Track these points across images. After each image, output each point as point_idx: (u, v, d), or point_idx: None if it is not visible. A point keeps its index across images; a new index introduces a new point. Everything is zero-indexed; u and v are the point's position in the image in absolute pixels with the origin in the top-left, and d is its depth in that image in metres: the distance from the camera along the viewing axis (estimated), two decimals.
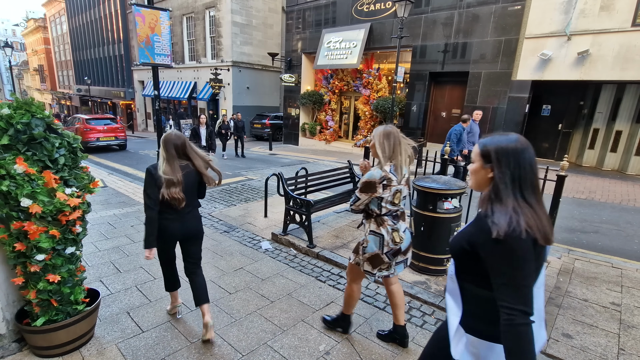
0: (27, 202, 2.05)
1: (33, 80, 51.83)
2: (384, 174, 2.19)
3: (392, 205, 2.28)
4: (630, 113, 9.87)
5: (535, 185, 1.21)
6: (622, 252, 4.61)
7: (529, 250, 1.13)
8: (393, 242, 2.30)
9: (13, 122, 2.05)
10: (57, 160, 2.21)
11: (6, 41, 23.41)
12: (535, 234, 1.14)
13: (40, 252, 2.16)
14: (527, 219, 1.14)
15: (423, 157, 5.12)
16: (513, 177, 1.20)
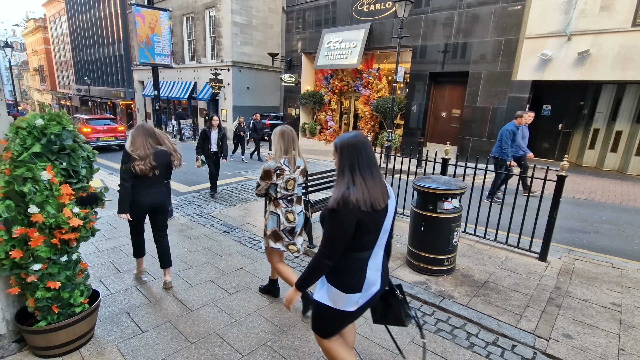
0: (34, 210, 2.10)
1: (33, 81, 51.84)
2: (277, 165, 2.69)
3: (285, 191, 2.77)
4: (631, 113, 9.86)
5: (369, 168, 1.60)
6: (622, 252, 4.61)
7: (351, 217, 1.52)
8: (287, 220, 2.81)
9: (47, 132, 2.19)
10: (80, 171, 2.36)
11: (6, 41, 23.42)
12: (361, 205, 1.52)
13: (37, 262, 2.15)
14: (356, 194, 1.52)
15: (423, 157, 5.12)
16: (351, 163, 1.59)
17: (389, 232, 1.74)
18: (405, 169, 5.76)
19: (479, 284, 3.45)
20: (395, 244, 4.37)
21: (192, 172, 9.55)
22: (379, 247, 1.70)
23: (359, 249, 1.64)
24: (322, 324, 1.79)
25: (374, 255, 1.68)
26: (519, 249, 4.17)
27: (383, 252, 1.76)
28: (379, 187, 1.60)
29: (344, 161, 1.61)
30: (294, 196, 2.84)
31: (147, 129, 3.15)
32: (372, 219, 1.58)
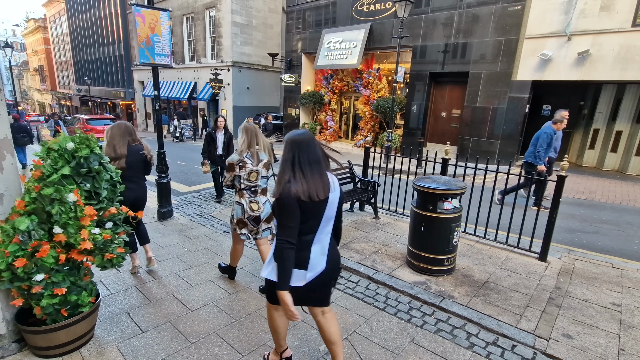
0: (58, 231, 2.17)
1: (33, 81, 51.85)
2: (239, 158, 2.99)
3: (248, 182, 3.05)
4: (631, 113, 9.86)
5: (310, 164, 1.79)
6: (622, 252, 4.61)
7: (293, 204, 1.74)
8: (251, 209, 3.09)
9: (76, 155, 2.32)
10: (101, 193, 2.47)
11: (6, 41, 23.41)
12: (300, 195, 1.73)
13: (40, 271, 2.15)
14: (295, 187, 1.74)
15: (423, 157, 5.12)
16: (293, 157, 1.79)
17: (334, 220, 1.95)
18: (405, 169, 5.76)
19: (479, 284, 3.45)
20: (395, 244, 4.37)
21: (192, 172, 9.57)
22: (324, 233, 1.92)
23: (303, 233, 1.86)
24: (272, 295, 1.99)
25: (318, 239, 1.91)
26: (519, 249, 4.17)
27: (330, 237, 1.97)
28: (319, 181, 1.81)
29: (287, 154, 1.83)
30: (258, 187, 3.12)
31: (128, 126, 3.37)
32: (311, 208, 1.80)
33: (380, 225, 5.07)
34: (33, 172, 2.24)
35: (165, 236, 4.66)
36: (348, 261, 3.87)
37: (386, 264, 3.84)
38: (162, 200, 5.27)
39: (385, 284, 3.46)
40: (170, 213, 5.38)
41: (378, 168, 6.31)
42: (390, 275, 3.59)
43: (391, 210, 5.54)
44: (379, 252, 4.13)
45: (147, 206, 5.98)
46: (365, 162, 5.66)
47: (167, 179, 5.25)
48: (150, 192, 6.95)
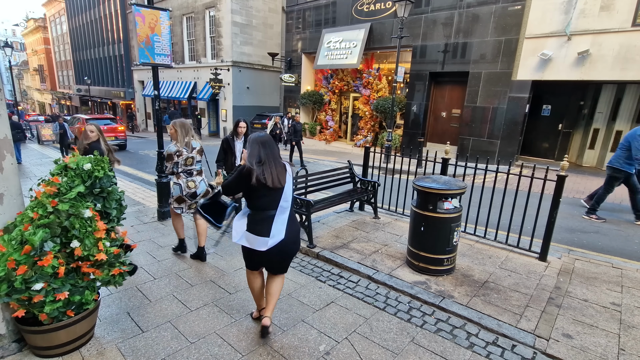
0: (76, 244, 2.27)
1: (33, 80, 51.85)
2: (177, 149, 3.65)
3: (185, 166, 3.72)
4: (631, 113, 9.86)
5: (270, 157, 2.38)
6: (622, 252, 4.61)
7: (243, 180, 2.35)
8: (188, 187, 3.77)
9: (92, 175, 2.46)
10: (111, 212, 2.59)
11: (6, 41, 23.39)
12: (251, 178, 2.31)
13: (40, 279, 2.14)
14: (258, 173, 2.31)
15: (423, 157, 5.12)
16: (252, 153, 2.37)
17: (291, 197, 2.50)
18: (405, 169, 5.76)
19: (479, 283, 3.45)
20: (395, 244, 4.37)
21: None
22: (283, 210, 2.44)
23: (263, 208, 2.43)
24: (246, 260, 2.63)
25: (279, 213, 2.43)
26: (519, 249, 4.17)
27: (289, 214, 2.50)
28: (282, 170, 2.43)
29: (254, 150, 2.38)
30: (193, 170, 3.80)
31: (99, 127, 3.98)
32: (268, 190, 2.37)
33: (380, 225, 5.07)
34: (47, 189, 2.32)
35: (165, 236, 4.66)
36: (348, 261, 3.87)
37: (386, 263, 3.84)
38: (162, 200, 5.27)
39: (385, 283, 3.46)
40: (170, 213, 5.38)
41: (378, 168, 6.31)
42: (390, 275, 3.59)
43: (391, 210, 5.54)
44: (379, 252, 4.13)
45: (147, 206, 6.01)
46: (365, 162, 5.66)
47: (167, 179, 5.25)
48: (150, 191, 6.97)
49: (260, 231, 2.39)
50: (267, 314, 2.61)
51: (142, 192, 7.08)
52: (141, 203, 6.24)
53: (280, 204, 2.42)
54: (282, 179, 2.40)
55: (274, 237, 2.40)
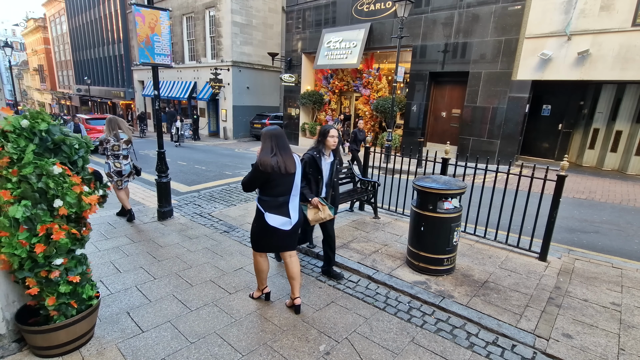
0: (59, 203, 2.17)
1: (33, 80, 51.82)
2: (105, 137, 4.88)
3: (112, 151, 4.91)
4: (631, 113, 9.86)
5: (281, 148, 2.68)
6: (622, 252, 4.61)
7: (259, 173, 2.62)
8: (115, 166, 4.97)
9: (35, 130, 2.17)
10: (77, 162, 2.38)
11: (6, 41, 23.38)
12: (267, 168, 2.59)
13: (59, 255, 2.20)
14: (269, 161, 2.60)
15: (423, 157, 5.12)
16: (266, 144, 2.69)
17: (300, 184, 2.85)
18: (405, 169, 5.76)
19: (478, 283, 3.45)
20: (395, 244, 4.37)
21: (192, 172, 9.58)
22: (294, 195, 2.80)
23: (279, 195, 2.74)
24: (262, 243, 2.89)
25: (292, 200, 2.80)
26: (518, 249, 4.17)
27: (298, 198, 2.86)
28: (290, 158, 2.72)
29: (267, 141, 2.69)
30: (120, 154, 4.97)
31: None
32: (281, 177, 2.68)
33: (380, 225, 5.07)
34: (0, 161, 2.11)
35: (165, 236, 4.66)
36: (348, 261, 3.87)
37: (386, 263, 3.84)
38: (162, 200, 5.27)
39: (385, 283, 3.46)
40: (170, 213, 5.38)
41: (378, 168, 6.32)
42: (390, 275, 3.59)
43: (391, 210, 5.54)
44: (379, 252, 4.13)
45: (147, 206, 6.00)
46: (365, 161, 5.66)
47: (167, 179, 5.25)
48: (150, 191, 6.97)
49: (283, 213, 2.76)
50: (297, 295, 2.99)
51: (142, 192, 7.08)
52: (141, 203, 6.24)
53: (292, 190, 2.77)
54: (292, 166, 2.71)
55: (293, 219, 2.80)
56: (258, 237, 2.85)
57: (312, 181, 3.36)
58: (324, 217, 3.34)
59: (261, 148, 2.69)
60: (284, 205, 2.75)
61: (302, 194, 3.14)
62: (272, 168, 2.59)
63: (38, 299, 2.28)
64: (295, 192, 2.79)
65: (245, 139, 19.70)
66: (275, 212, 2.73)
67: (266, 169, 2.59)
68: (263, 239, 2.84)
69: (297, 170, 2.78)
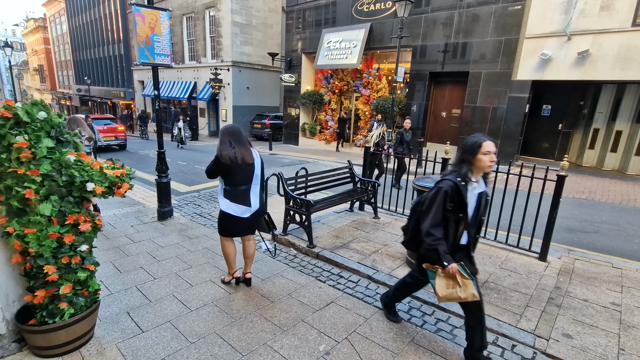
0: (91, 186, 2.25)
1: (33, 80, 51.81)
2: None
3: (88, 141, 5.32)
4: (631, 113, 9.87)
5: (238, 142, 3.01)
6: (622, 252, 4.61)
7: (220, 163, 2.92)
8: None
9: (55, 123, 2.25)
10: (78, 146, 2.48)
11: (6, 41, 23.37)
12: (226, 159, 2.91)
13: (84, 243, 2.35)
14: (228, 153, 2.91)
15: (423, 157, 5.12)
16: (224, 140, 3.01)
17: (260, 177, 3.14)
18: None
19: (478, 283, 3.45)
20: (395, 244, 4.37)
21: (192, 172, 9.58)
22: (254, 184, 3.09)
23: (239, 184, 3.03)
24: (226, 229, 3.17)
25: (252, 188, 3.09)
26: (518, 249, 4.17)
27: (259, 188, 3.15)
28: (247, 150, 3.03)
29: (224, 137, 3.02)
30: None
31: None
32: (242, 167, 2.99)
33: (380, 225, 5.07)
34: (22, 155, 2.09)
35: (165, 236, 4.66)
36: (348, 261, 3.87)
37: (386, 263, 3.84)
38: (162, 200, 5.27)
39: (386, 283, 3.46)
40: (170, 213, 5.38)
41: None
42: (390, 275, 3.59)
43: (391, 210, 5.54)
44: (379, 252, 4.13)
45: (147, 206, 6.01)
46: (365, 161, 5.66)
47: (167, 179, 5.25)
48: (150, 191, 6.97)
49: (242, 202, 3.02)
50: (249, 271, 3.39)
51: (142, 192, 7.08)
52: (141, 203, 6.24)
53: (252, 179, 3.05)
54: (249, 157, 3.01)
55: (253, 206, 3.07)
56: (223, 224, 3.16)
57: (451, 222, 2.24)
58: (464, 296, 2.21)
59: (220, 142, 3.01)
60: (245, 193, 3.03)
61: (429, 250, 2.24)
62: (230, 159, 2.90)
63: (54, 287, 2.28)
64: (256, 181, 3.10)
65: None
66: (236, 201, 3.01)
67: (226, 160, 2.90)
68: (227, 225, 3.14)
69: (256, 161, 3.09)
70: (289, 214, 4.46)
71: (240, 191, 3.02)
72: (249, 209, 3.05)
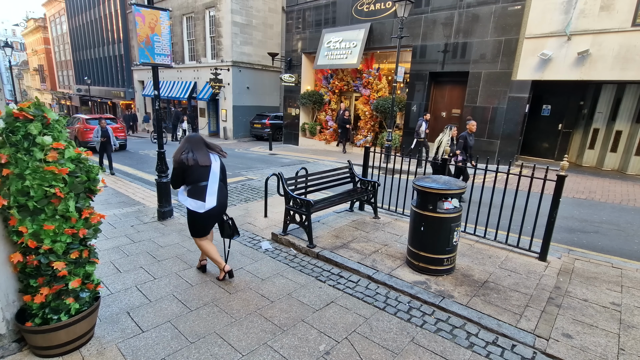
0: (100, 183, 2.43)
1: (33, 80, 51.80)
2: None
3: None
4: (630, 113, 9.87)
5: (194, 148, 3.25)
6: (622, 252, 4.61)
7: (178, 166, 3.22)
8: None
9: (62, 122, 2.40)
10: None
11: (6, 41, 23.39)
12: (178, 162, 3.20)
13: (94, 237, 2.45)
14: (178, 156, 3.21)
15: (423, 157, 5.11)
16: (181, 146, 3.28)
17: (218, 175, 3.32)
18: (405, 169, 5.76)
19: (478, 283, 3.45)
20: (395, 244, 4.37)
21: None
22: (212, 182, 3.27)
23: (198, 181, 3.24)
24: (195, 229, 3.39)
25: (210, 185, 3.26)
26: (518, 249, 4.17)
27: (218, 186, 3.31)
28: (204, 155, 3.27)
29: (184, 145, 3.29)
30: None
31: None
32: (196, 167, 3.21)
33: (380, 225, 5.07)
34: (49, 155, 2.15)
35: (165, 236, 4.66)
36: (348, 261, 3.87)
37: (386, 263, 3.84)
38: (162, 200, 5.28)
39: (385, 283, 3.46)
40: (170, 213, 5.39)
41: (378, 168, 6.32)
42: (390, 275, 3.59)
43: (391, 210, 5.54)
44: (378, 252, 4.13)
45: (147, 206, 6.01)
46: (365, 161, 5.66)
47: (167, 179, 5.25)
48: (151, 191, 6.97)
49: (198, 198, 3.24)
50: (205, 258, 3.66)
51: (142, 192, 7.08)
52: (141, 203, 6.24)
53: (209, 177, 3.26)
54: (206, 160, 3.27)
55: (209, 202, 3.25)
56: (192, 226, 3.38)
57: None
58: None
59: (178, 149, 3.29)
60: (203, 190, 3.24)
61: None
62: (183, 161, 3.17)
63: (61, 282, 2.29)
64: (214, 178, 3.27)
65: (245, 139, 19.69)
66: (193, 197, 3.23)
67: (179, 163, 3.19)
68: (195, 226, 3.37)
69: (213, 164, 3.30)
70: (289, 214, 4.46)
71: (199, 187, 3.23)
72: (204, 204, 3.23)
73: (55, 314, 2.30)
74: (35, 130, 2.14)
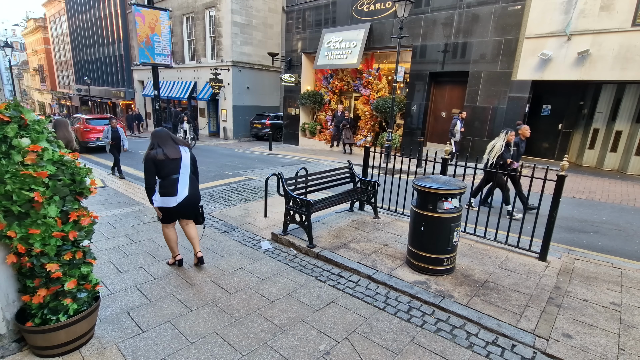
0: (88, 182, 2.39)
1: (33, 80, 51.81)
2: None
3: None
4: (630, 113, 9.86)
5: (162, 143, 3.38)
6: (622, 252, 4.61)
7: (150, 163, 3.30)
8: None
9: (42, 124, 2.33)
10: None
11: (6, 41, 23.39)
12: (148, 159, 3.31)
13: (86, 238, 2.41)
14: (149, 153, 3.32)
15: (423, 157, 5.11)
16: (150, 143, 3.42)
17: (189, 167, 3.47)
18: (405, 169, 5.76)
19: (478, 283, 3.45)
20: (395, 244, 4.37)
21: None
22: (183, 174, 3.41)
23: (169, 174, 3.36)
24: (164, 218, 3.51)
25: (181, 177, 3.40)
26: (518, 249, 4.18)
27: (189, 176, 3.46)
28: (171, 149, 3.39)
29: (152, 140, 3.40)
30: None
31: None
32: (167, 162, 3.33)
33: (380, 225, 5.08)
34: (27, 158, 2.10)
35: None
36: (348, 261, 3.87)
37: (386, 263, 3.85)
38: None
39: (385, 283, 3.46)
40: None
41: (378, 168, 6.32)
42: (390, 275, 3.59)
43: (391, 210, 5.54)
44: (378, 252, 4.13)
45: (147, 206, 6.01)
46: (365, 161, 5.66)
47: None
48: None
49: (169, 192, 3.36)
50: (198, 249, 3.75)
51: (142, 192, 7.08)
52: (141, 203, 6.24)
53: (180, 169, 3.39)
54: (175, 153, 3.39)
55: (180, 194, 3.38)
56: (162, 213, 3.49)
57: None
58: None
59: (149, 145, 3.39)
60: (175, 182, 3.36)
61: None
62: (154, 157, 3.27)
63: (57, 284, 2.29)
64: (184, 170, 3.41)
65: (245, 139, 19.70)
66: (165, 193, 3.35)
67: (151, 159, 3.28)
68: (165, 214, 3.50)
69: (183, 156, 3.43)
70: (289, 214, 4.46)
71: (171, 180, 3.36)
72: (175, 198, 3.36)
73: (54, 315, 2.30)
74: (12, 132, 2.06)
